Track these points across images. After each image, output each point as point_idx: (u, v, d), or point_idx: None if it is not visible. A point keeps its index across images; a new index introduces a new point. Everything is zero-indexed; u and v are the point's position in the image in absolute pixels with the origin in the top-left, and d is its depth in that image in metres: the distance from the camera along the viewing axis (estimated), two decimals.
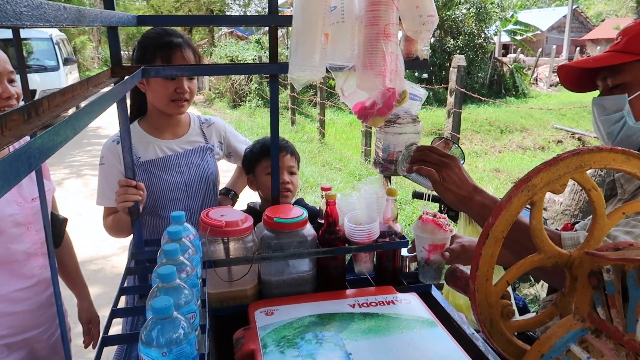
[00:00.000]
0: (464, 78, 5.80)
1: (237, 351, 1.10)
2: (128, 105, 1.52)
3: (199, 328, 0.96)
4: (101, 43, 32.71)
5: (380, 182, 1.46)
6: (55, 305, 1.56)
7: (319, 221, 1.46)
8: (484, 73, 15.36)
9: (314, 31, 1.16)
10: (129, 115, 1.73)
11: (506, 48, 27.94)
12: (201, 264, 1.16)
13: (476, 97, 7.53)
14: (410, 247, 1.43)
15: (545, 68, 19.58)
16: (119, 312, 1.08)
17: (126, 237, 1.68)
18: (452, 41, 14.45)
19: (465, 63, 5.72)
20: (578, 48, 25.59)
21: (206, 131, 1.83)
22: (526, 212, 0.74)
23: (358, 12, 1.21)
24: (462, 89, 5.71)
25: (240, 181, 1.98)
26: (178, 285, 0.89)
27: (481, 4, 14.66)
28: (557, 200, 3.77)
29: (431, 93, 13.21)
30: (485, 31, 15.14)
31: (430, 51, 1.37)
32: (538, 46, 24.71)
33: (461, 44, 14.47)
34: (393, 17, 1.17)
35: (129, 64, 1.33)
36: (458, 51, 13.97)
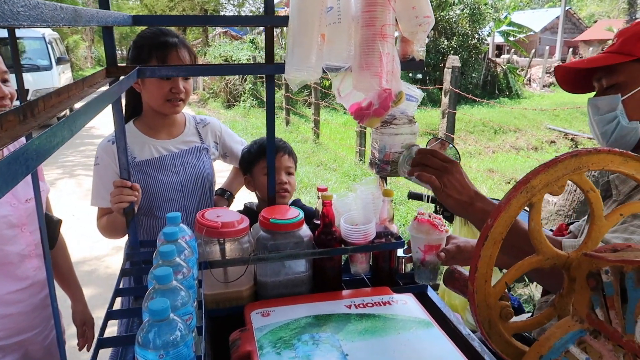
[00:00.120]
0: (458, 79, 5.82)
1: (234, 353, 1.09)
2: (123, 105, 1.51)
3: (196, 330, 0.96)
4: (94, 42, 32.55)
5: (376, 183, 1.46)
6: (49, 307, 1.55)
7: (315, 222, 1.46)
8: (478, 74, 15.43)
9: (311, 32, 1.16)
10: (124, 115, 1.72)
11: (499, 49, 28.07)
12: (197, 265, 1.15)
13: (470, 98, 7.56)
14: (405, 248, 1.43)
15: (538, 69, 19.68)
16: (115, 314, 1.07)
17: (120, 238, 1.67)
18: (446, 42, 14.50)
19: (459, 64, 5.73)
20: (571, 49, 25.72)
21: (202, 131, 1.82)
22: (524, 216, 0.74)
23: (354, 13, 1.21)
24: (457, 90, 5.72)
25: (236, 182, 1.98)
26: (174, 286, 0.89)
27: (475, 5, 14.72)
28: (552, 200, 3.79)
29: (425, 94, 13.20)
30: (479, 32, 15.21)
31: (425, 52, 1.37)
32: (531, 47, 24.86)
33: (455, 45, 14.53)
34: (389, 18, 1.17)
35: (123, 64, 1.32)
36: (452, 52, 14.02)
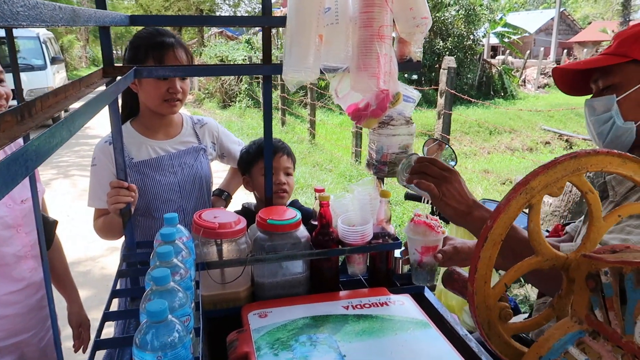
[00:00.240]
0: (454, 80, 5.83)
1: (231, 354, 1.09)
2: (119, 105, 1.50)
3: (193, 331, 0.95)
4: (89, 42, 32.44)
5: (373, 184, 1.46)
6: (45, 308, 1.54)
7: (313, 223, 1.46)
8: (473, 75, 15.46)
9: (308, 32, 1.16)
10: (121, 115, 1.71)
11: (494, 50, 28.17)
12: (194, 267, 1.15)
13: (466, 99, 7.58)
14: (402, 250, 1.43)
15: (533, 70, 19.76)
16: (111, 316, 1.06)
17: (117, 239, 1.66)
18: (442, 43, 14.52)
19: (455, 65, 5.74)
20: (565, 50, 25.87)
21: (199, 132, 1.82)
22: (521, 220, 0.74)
23: (352, 14, 1.21)
24: (452, 91, 5.74)
25: (233, 182, 1.97)
26: (172, 288, 0.88)
27: (470, 6, 14.76)
28: (547, 201, 3.81)
29: (421, 94, 13.25)
30: (474, 33, 15.24)
31: (422, 53, 1.37)
32: (526, 48, 24.94)
33: (450, 46, 14.55)
34: (387, 19, 1.18)
35: (118, 64, 1.31)
36: (447, 53, 14.05)
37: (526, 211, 0.69)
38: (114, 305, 1.30)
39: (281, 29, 1.27)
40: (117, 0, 24.58)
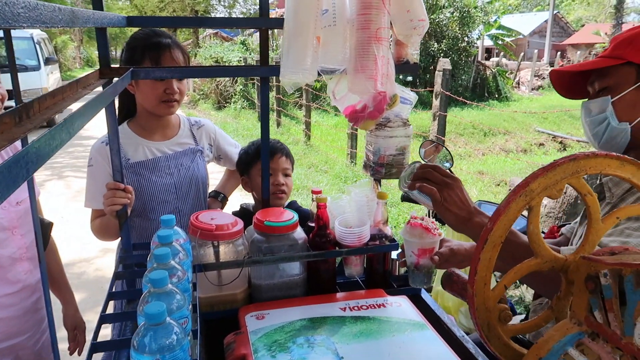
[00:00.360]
0: (449, 81, 5.85)
1: (228, 356, 1.09)
2: (116, 106, 1.49)
3: (191, 333, 0.95)
4: (83, 43, 32.33)
5: (370, 185, 1.46)
6: (40, 311, 1.53)
7: (310, 224, 1.46)
8: (468, 76, 15.52)
9: (306, 34, 1.16)
10: (118, 116, 1.70)
11: (489, 52, 28.29)
12: (191, 268, 1.15)
13: (460, 100, 7.61)
14: (399, 252, 1.43)
15: (527, 72, 19.85)
16: (108, 318, 1.06)
17: (113, 241, 1.65)
18: (436, 45, 14.57)
19: (450, 67, 5.76)
20: (559, 52, 26.02)
21: (196, 133, 1.81)
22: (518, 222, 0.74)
23: (349, 16, 1.21)
24: (447, 92, 5.75)
25: (229, 184, 1.97)
26: (170, 290, 0.88)
27: (465, 9, 14.82)
28: (542, 202, 3.83)
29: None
30: (468, 35, 15.30)
31: (419, 55, 1.38)
32: (520, 50, 25.05)
33: (445, 48, 14.60)
34: (384, 21, 1.18)
35: (113, 65, 1.31)
36: (442, 55, 14.09)
37: (524, 214, 0.69)
38: (110, 307, 1.29)
39: (276, 31, 1.26)
40: (112, 0, 24.50)
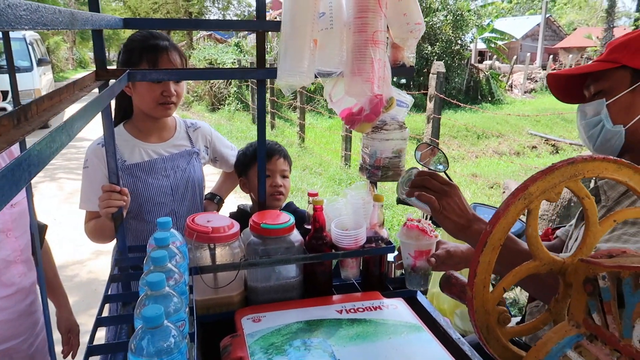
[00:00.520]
0: (443, 84, 5.87)
1: (225, 359, 1.09)
2: (113, 108, 1.49)
3: (188, 336, 0.94)
4: (75, 44, 32.16)
5: (366, 188, 1.46)
6: (34, 314, 1.52)
7: (306, 227, 1.46)
8: (461, 79, 15.60)
9: (303, 37, 1.16)
10: (114, 118, 1.70)
11: (482, 55, 28.45)
12: (188, 271, 1.14)
13: (454, 103, 7.64)
14: (396, 255, 1.44)
15: (519, 75, 19.99)
16: (104, 321, 1.05)
17: (108, 243, 1.64)
18: (430, 48, 14.64)
19: (444, 69, 5.78)
20: (551, 56, 26.20)
21: (192, 135, 1.81)
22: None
23: (346, 19, 1.22)
24: (442, 95, 5.78)
25: (225, 186, 1.97)
26: (167, 293, 0.87)
27: (458, 12, 14.90)
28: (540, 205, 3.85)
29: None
30: (462, 38, 15.39)
31: (415, 58, 1.38)
32: (513, 53, 25.24)
33: (438, 51, 14.67)
34: (381, 24, 1.18)
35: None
36: (435, 57, 14.15)
37: (522, 218, 0.70)
38: (104, 310, 1.28)
39: (270, 34, 1.27)
40: (105, 1, 24.41)
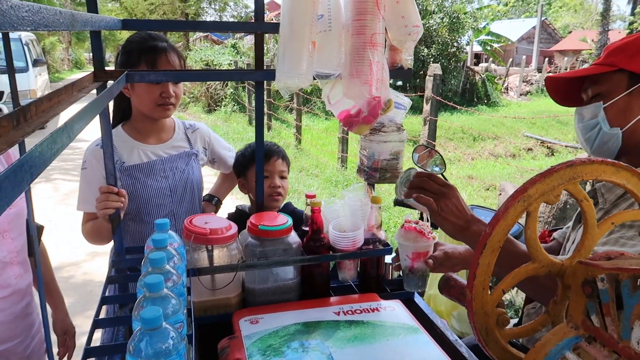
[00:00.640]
0: (439, 86, 5.89)
1: None
2: (111, 109, 1.48)
3: (186, 338, 0.94)
4: (71, 44, 32.05)
5: (364, 190, 1.47)
6: (29, 316, 1.51)
7: (304, 228, 1.46)
8: (457, 81, 15.65)
9: (302, 39, 1.16)
10: (113, 119, 1.69)
11: (478, 57, 28.56)
12: (186, 272, 1.14)
13: (451, 105, 7.66)
14: (394, 256, 1.44)
15: (515, 77, 20.07)
16: (102, 323, 1.05)
17: (105, 244, 1.64)
18: (426, 50, 14.67)
19: (440, 72, 5.80)
20: (547, 59, 26.32)
21: (191, 137, 1.81)
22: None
23: (345, 21, 1.22)
24: (438, 97, 5.79)
25: (223, 187, 1.97)
26: (165, 294, 0.87)
27: (454, 14, 14.95)
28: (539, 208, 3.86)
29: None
30: (458, 41, 15.44)
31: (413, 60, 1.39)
32: (508, 56, 25.34)
33: (435, 53, 14.71)
34: (379, 27, 1.19)
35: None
36: (432, 60, 14.19)
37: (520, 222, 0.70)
38: (102, 311, 1.28)
39: (266, 35, 1.27)
40: (101, 2, 24.34)
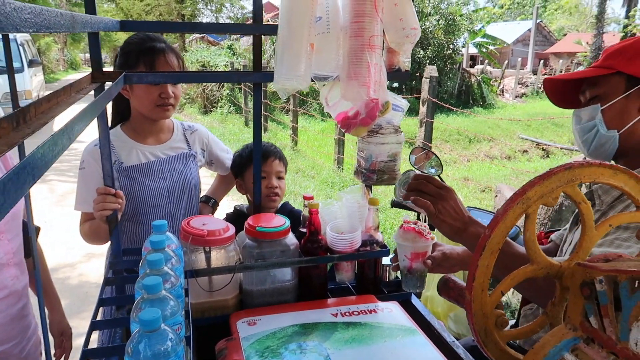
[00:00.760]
0: (436, 88, 5.90)
1: None
2: (110, 110, 1.48)
3: (184, 340, 0.94)
4: (67, 45, 31.94)
5: (361, 191, 1.47)
6: (26, 317, 1.50)
7: (301, 230, 1.46)
8: (453, 83, 15.69)
9: (300, 41, 1.16)
10: (112, 120, 1.69)
11: (473, 59, 28.64)
12: (183, 274, 1.14)
13: (447, 107, 7.68)
14: (392, 257, 1.44)
15: (511, 80, 20.14)
16: (99, 324, 1.05)
17: (102, 244, 1.63)
18: (422, 52, 14.71)
19: (436, 74, 5.81)
20: (542, 61, 26.44)
21: (189, 138, 1.81)
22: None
23: (343, 23, 1.22)
24: (434, 99, 5.81)
25: (220, 189, 1.97)
26: (164, 296, 0.87)
27: (450, 16, 15.00)
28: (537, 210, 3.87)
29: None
30: (454, 43, 15.49)
31: (410, 62, 1.39)
32: (504, 58, 25.42)
33: (431, 55, 14.76)
34: (377, 29, 1.19)
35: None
36: (428, 61, 14.23)
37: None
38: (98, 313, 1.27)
39: (262, 37, 1.26)
40: (97, 3, 24.27)
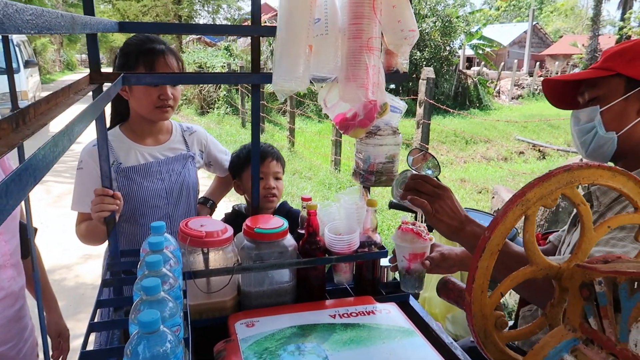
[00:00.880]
0: (433, 90, 5.92)
1: None
2: (109, 111, 1.47)
3: (182, 341, 0.94)
4: (63, 46, 31.86)
5: (359, 193, 1.47)
6: (22, 319, 1.50)
7: (299, 231, 1.46)
8: (449, 85, 15.73)
9: (298, 43, 1.17)
10: (111, 121, 1.69)
11: (470, 61, 28.72)
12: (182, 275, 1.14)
13: (443, 109, 7.70)
14: (391, 257, 1.45)
15: (507, 81, 20.20)
16: (97, 326, 1.04)
17: (99, 245, 1.63)
18: (419, 53, 14.75)
19: (433, 75, 5.83)
20: (538, 63, 26.51)
21: (188, 139, 1.81)
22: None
23: (341, 25, 1.23)
24: (431, 101, 5.82)
25: (218, 190, 1.97)
26: (163, 297, 0.87)
27: (447, 18, 15.05)
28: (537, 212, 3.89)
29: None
30: (450, 44, 15.53)
31: (408, 64, 1.40)
32: (500, 60, 25.51)
33: (427, 56, 14.79)
34: (376, 31, 1.20)
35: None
36: (424, 63, 14.26)
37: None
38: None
39: (260, 38, 1.26)
40: (94, 4, 24.20)
